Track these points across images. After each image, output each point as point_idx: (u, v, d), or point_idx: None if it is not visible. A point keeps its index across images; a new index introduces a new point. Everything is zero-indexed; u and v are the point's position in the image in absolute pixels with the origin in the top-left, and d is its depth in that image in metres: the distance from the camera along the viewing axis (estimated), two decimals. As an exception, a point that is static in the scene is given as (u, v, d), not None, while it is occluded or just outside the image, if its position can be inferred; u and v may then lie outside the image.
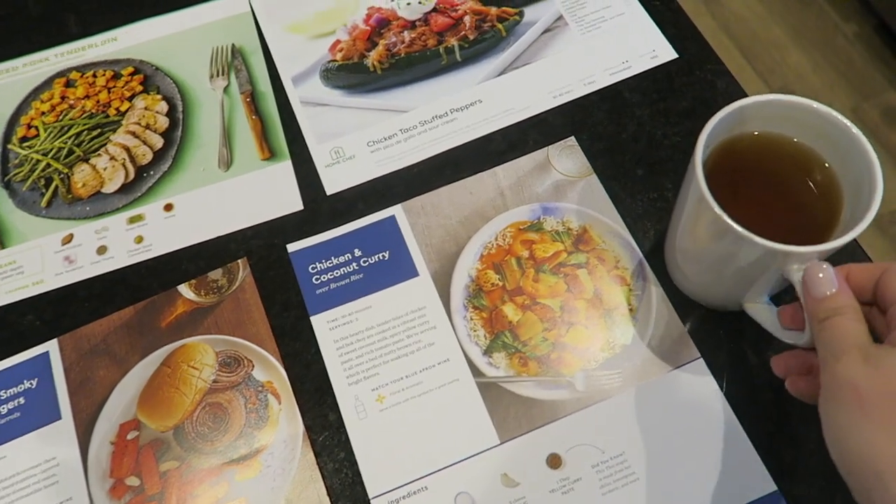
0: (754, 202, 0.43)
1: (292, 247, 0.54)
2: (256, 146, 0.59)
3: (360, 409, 0.48)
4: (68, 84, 0.63)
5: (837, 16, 1.76)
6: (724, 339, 0.49)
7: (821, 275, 0.36)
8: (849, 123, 0.40)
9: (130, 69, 0.63)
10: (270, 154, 0.58)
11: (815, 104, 0.41)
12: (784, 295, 0.46)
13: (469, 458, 0.47)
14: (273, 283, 0.53)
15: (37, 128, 0.61)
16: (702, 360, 0.48)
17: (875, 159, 0.38)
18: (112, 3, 0.67)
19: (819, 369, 0.35)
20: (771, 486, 0.44)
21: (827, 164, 0.42)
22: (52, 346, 0.52)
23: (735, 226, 0.38)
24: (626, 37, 0.61)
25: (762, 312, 0.44)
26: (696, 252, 0.45)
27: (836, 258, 0.39)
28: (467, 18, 0.62)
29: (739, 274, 0.42)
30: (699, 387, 0.48)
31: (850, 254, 0.50)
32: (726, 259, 0.41)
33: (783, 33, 1.77)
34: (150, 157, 0.59)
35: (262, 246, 0.55)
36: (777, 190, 0.44)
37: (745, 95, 0.57)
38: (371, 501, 0.46)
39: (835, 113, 0.40)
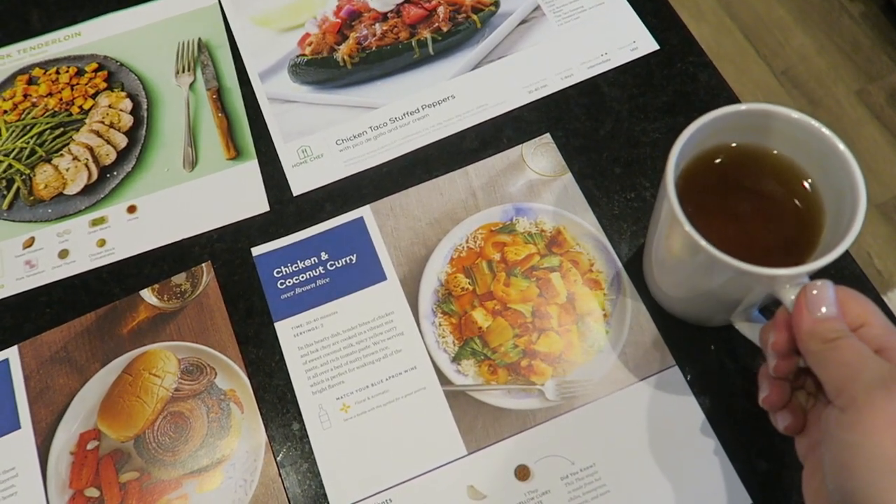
0: (732, 218, 0.41)
1: (257, 250, 0.53)
2: (222, 145, 0.57)
3: (325, 419, 0.47)
4: (31, 81, 0.61)
5: (843, -5, 1.71)
6: (699, 346, 0.47)
7: (821, 293, 0.33)
8: (829, 133, 0.37)
9: (94, 65, 0.61)
10: (236, 153, 0.57)
11: (795, 114, 0.38)
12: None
13: (435, 469, 0.45)
14: (237, 287, 0.52)
15: (-1, 127, 0.59)
16: (677, 367, 0.46)
17: (857, 171, 0.36)
18: (77, -5, 0.65)
19: (808, 401, 0.33)
20: (746, 500, 0.43)
21: (808, 178, 0.40)
22: (11, 354, 0.51)
23: (708, 247, 0.36)
24: (605, 27, 0.58)
25: (753, 329, 0.41)
26: (674, 273, 0.43)
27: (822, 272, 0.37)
28: (441, 9, 0.60)
29: (723, 293, 0.40)
30: (674, 396, 0.46)
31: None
32: (706, 280, 0.39)
33: (787, 14, 1.72)
34: (113, 156, 0.57)
35: (226, 249, 0.53)
36: (756, 205, 0.41)
37: (728, 90, 0.55)
38: (334, 514, 0.45)
39: (815, 123, 0.38)
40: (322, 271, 0.51)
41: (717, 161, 0.41)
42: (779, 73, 1.61)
